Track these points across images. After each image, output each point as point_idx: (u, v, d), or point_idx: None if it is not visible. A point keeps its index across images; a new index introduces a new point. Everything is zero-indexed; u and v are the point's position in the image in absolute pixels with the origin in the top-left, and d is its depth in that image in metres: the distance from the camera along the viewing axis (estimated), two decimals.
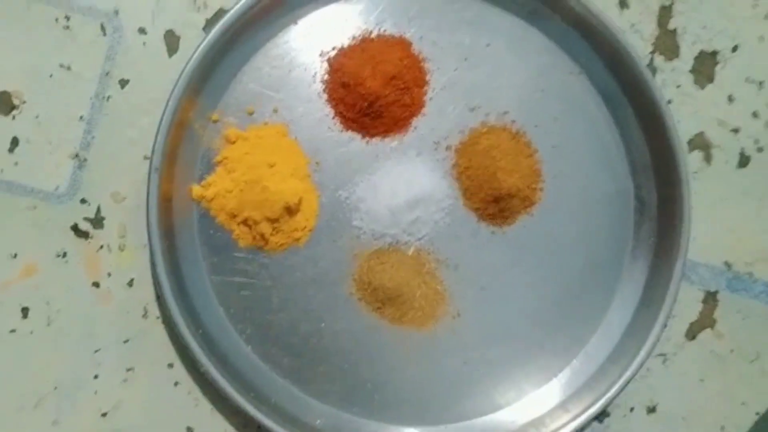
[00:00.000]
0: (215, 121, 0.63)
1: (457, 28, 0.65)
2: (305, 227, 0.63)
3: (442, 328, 0.64)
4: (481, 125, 0.65)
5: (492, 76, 0.65)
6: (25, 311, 0.63)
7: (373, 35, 0.64)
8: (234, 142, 0.63)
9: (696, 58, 0.68)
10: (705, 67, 0.68)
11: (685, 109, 0.68)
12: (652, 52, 0.68)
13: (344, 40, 0.65)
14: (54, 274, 0.63)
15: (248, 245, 0.63)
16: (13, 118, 0.64)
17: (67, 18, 0.65)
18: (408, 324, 0.64)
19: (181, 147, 0.62)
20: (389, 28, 0.65)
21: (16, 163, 0.64)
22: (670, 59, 0.68)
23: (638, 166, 0.66)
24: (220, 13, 0.65)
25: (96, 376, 0.64)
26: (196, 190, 0.62)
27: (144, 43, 0.65)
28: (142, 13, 0.65)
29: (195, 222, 0.63)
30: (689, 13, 0.68)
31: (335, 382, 0.64)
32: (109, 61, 0.65)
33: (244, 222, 0.62)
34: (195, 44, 0.62)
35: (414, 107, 0.64)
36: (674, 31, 0.68)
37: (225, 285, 0.63)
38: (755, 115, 0.68)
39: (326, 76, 0.64)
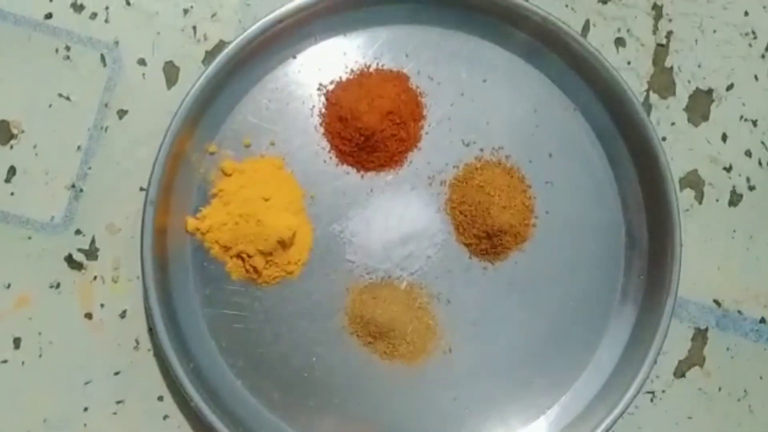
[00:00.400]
0: (212, 153, 0.63)
1: (454, 63, 0.66)
2: (299, 260, 0.63)
3: (433, 363, 0.64)
4: (475, 160, 0.66)
5: (488, 112, 0.66)
6: (17, 342, 0.63)
7: (371, 69, 0.65)
8: (230, 175, 0.63)
9: (691, 96, 0.69)
10: (700, 105, 0.69)
11: (679, 146, 0.69)
12: (648, 90, 0.69)
13: (342, 74, 0.65)
14: (47, 304, 0.63)
15: (241, 278, 0.63)
16: (11, 147, 0.64)
17: (68, 48, 0.65)
18: (399, 358, 0.64)
19: (177, 179, 0.62)
20: (387, 63, 0.65)
21: (12, 193, 0.64)
22: (665, 97, 0.69)
23: (630, 203, 0.66)
24: (221, 45, 0.66)
25: (86, 409, 0.63)
26: (191, 222, 0.63)
27: (143, 75, 0.65)
28: (142, 44, 0.66)
29: (188, 254, 0.63)
30: (685, 52, 0.69)
31: (324, 417, 0.64)
32: (108, 91, 0.65)
33: (238, 255, 0.62)
34: (194, 76, 0.62)
35: (410, 142, 0.65)
36: (670, 69, 0.69)
37: (217, 317, 0.63)
38: (748, 153, 0.69)
39: (323, 110, 0.64)
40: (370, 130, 0.62)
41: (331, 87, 0.65)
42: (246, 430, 0.62)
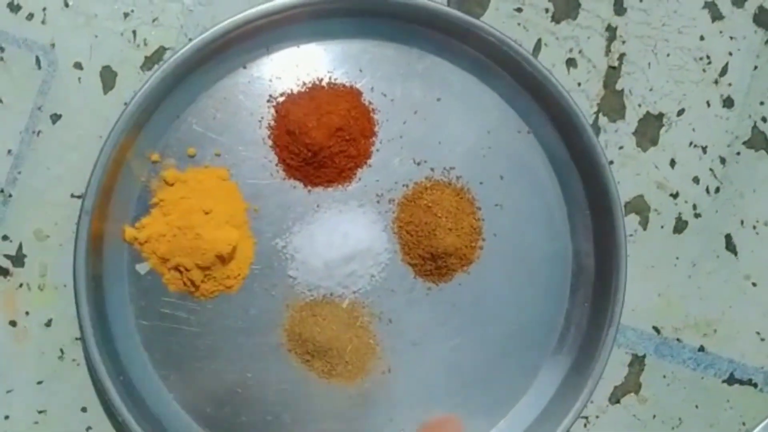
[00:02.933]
0: (155, 162, 0.62)
1: (409, 81, 0.65)
2: (238, 275, 0.63)
3: (372, 384, 0.65)
4: (425, 180, 0.65)
5: (440, 131, 0.66)
6: None
7: (323, 83, 0.64)
8: (172, 184, 0.62)
9: (641, 120, 0.70)
10: (649, 129, 0.70)
11: (626, 171, 0.69)
12: (597, 112, 0.69)
13: (293, 86, 0.64)
14: None
15: (178, 290, 0.62)
16: None
17: (2, 49, 0.63)
18: (337, 377, 0.64)
19: (117, 185, 0.61)
20: (340, 77, 0.65)
21: None
22: (615, 120, 0.69)
23: (579, 229, 0.67)
24: (160, 51, 0.65)
25: (7, 417, 0.63)
26: (129, 231, 0.62)
27: (79, 79, 0.64)
28: (80, 47, 0.64)
29: (125, 264, 0.62)
30: (637, 75, 0.70)
31: None
32: (42, 95, 0.64)
33: (176, 267, 0.61)
34: (132, 82, 0.61)
35: (359, 158, 0.64)
36: (621, 92, 0.69)
37: (152, 329, 0.62)
38: (696, 180, 0.70)
39: (272, 123, 0.64)
40: (317, 146, 0.62)
41: (281, 99, 0.64)
42: None
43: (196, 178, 0.62)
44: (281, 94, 0.64)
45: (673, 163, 0.70)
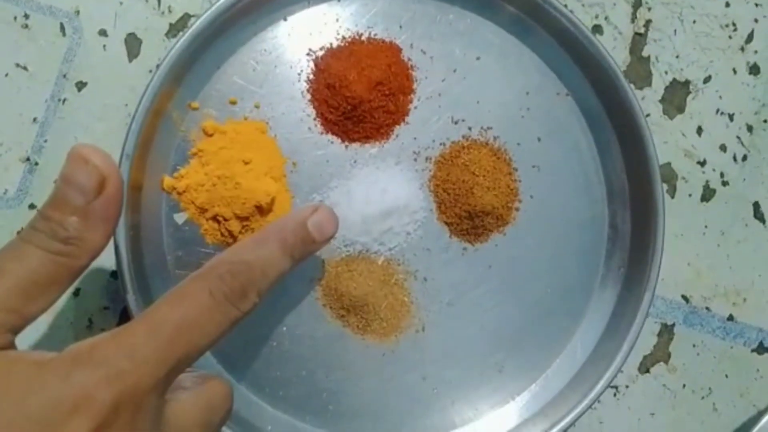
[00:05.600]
0: (195, 109, 0.62)
1: (449, 39, 0.65)
2: None
3: (405, 342, 0.64)
4: (463, 139, 0.65)
5: (479, 90, 0.66)
6: None
7: (363, 38, 0.64)
8: (211, 135, 0.61)
9: (667, 88, 0.70)
10: (676, 97, 0.70)
11: (654, 138, 0.68)
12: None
13: (333, 41, 0.64)
14: None
15: (216, 242, 0.62)
16: None
17: (26, 16, 0.64)
18: (371, 334, 0.64)
19: (156, 136, 0.61)
20: (380, 33, 0.64)
21: None
22: (641, 88, 0.70)
23: (615, 194, 0.67)
24: (185, 18, 0.65)
25: None
26: (168, 181, 0.61)
27: (104, 46, 0.64)
28: (104, 14, 0.64)
29: (163, 214, 0.62)
30: (663, 42, 0.70)
31: (290, 389, 0.63)
32: (67, 62, 0.64)
33: (214, 218, 0.61)
34: (157, 49, 0.62)
35: (398, 115, 0.64)
36: (647, 59, 0.70)
37: None
38: (723, 148, 0.70)
39: (311, 76, 0.63)
40: (357, 99, 0.62)
41: (320, 53, 0.64)
42: None
43: (235, 129, 0.62)
44: (321, 48, 0.64)
45: (700, 130, 0.70)
